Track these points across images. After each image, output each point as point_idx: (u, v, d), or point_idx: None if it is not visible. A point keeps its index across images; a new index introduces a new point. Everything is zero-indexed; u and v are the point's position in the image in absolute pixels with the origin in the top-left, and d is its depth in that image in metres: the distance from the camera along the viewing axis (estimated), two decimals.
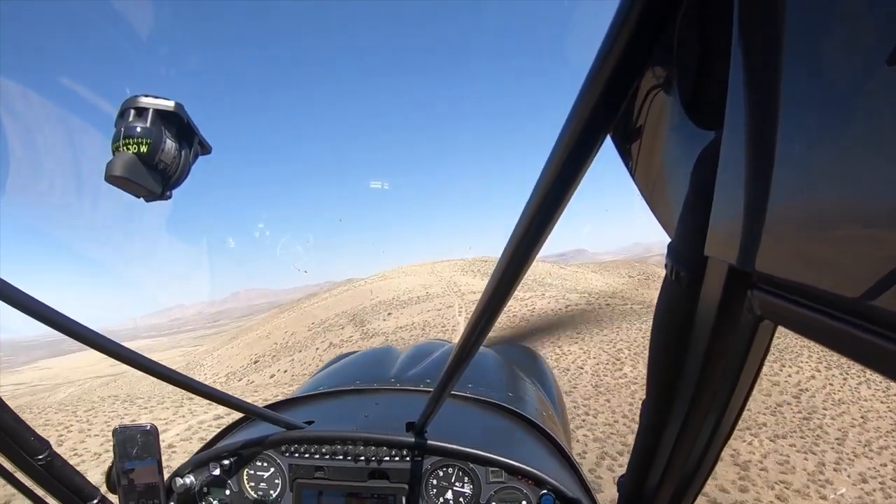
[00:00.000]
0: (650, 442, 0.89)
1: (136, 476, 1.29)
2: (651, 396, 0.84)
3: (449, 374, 1.02)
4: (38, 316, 0.83)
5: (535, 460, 1.57)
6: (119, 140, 0.78)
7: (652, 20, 0.42)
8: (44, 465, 1.16)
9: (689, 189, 0.56)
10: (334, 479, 1.60)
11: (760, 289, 0.46)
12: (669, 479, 0.89)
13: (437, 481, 1.58)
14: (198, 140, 0.88)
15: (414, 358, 2.53)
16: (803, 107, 0.35)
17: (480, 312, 0.75)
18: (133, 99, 0.80)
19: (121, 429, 1.30)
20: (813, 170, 0.34)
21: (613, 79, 0.45)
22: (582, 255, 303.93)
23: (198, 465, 1.64)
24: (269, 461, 1.64)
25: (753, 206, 0.41)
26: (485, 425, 1.83)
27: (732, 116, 0.45)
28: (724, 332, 0.59)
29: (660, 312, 0.72)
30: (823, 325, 0.36)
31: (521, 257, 0.61)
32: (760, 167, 0.39)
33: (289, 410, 1.94)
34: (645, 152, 0.69)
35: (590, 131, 0.49)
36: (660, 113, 0.61)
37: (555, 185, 0.52)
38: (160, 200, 0.85)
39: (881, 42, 0.27)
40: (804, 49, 0.34)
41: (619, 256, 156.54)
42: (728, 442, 0.79)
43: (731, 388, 0.68)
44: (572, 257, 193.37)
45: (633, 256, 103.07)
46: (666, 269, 0.65)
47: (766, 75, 0.39)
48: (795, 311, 0.39)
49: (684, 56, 0.52)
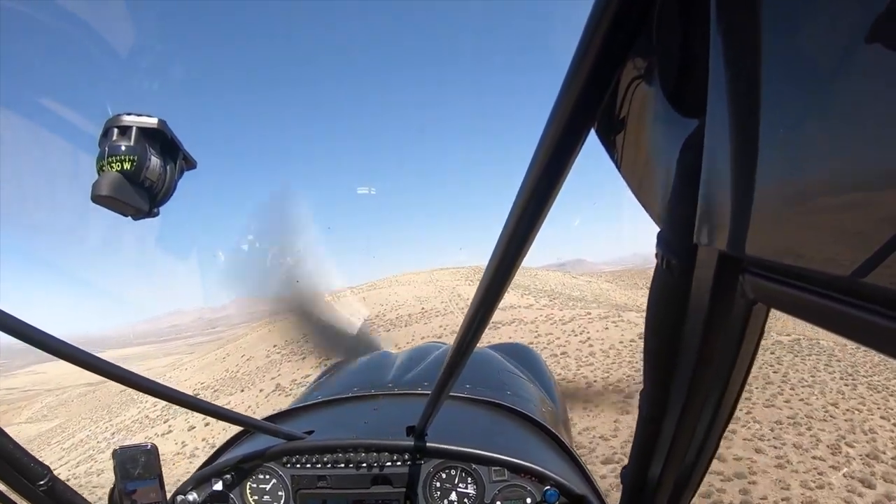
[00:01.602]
0: (650, 432, 0.89)
1: (138, 497, 1.28)
2: (648, 387, 0.84)
3: (446, 375, 1.02)
4: (8, 330, 0.81)
5: (537, 457, 1.57)
6: (104, 159, 0.78)
7: (631, 10, 0.42)
8: (45, 490, 1.15)
9: (675, 178, 0.56)
10: (337, 487, 1.59)
11: (751, 273, 0.46)
12: (671, 468, 0.89)
13: (440, 483, 1.57)
14: (182, 155, 0.88)
15: (410, 361, 2.53)
16: (785, 90, 0.35)
17: (475, 312, 0.75)
18: (116, 118, 0.80)
19: (121, 450, 1.28)
20: (797, 152, 0.34)
21: (595, 71, 0.44)
22: (581, 264, 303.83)
23: (200, 482, 1.63)
24: (270, 473, 1.63)
25: (740, 191, 0.41)
26: (485, 425, 1.83)
27: (714, 103, 0.45)
28: (718, 318, 0.59)
29: (653, 302, 0.72)
30: (815, 305, 0.36)
31: (513, 254, 0.61)
32: (745, 152, 0.39)
33: (288, 422, 1.93)
34: (630, 144, 0.69)
35: (574, 125, 0.48)
36: (642, 103, 0.61)
37: (542, 181, 0.52)
38: (148, 217, 0.84)
39: (859, 22, 0.27)
40: (783, 32, 0.34)
41: (619, 267, 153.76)
42: (727, 428, 0.80)
43: (727, 374, 0.68)
44: (572, 266, 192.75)
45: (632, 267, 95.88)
46: (657, 259, 0.66)
47: (746, 60, 0.39)
48: (787, 292, 0.39)
49: (664, 45, 0.52)
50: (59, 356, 0.90)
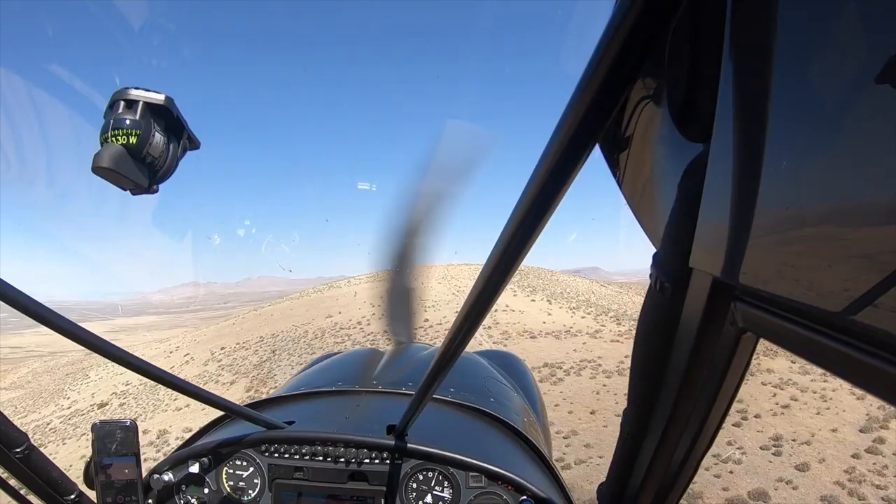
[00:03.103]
0: (630, 451, 0.89)
1: (114, 472, 1.27)
2: (632, 406, 0.84)
3: (431, 377, 1.01)
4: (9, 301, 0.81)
5: (515, 466, 1.57)
6: (108, 131, 0.77)
7: (644, 31, 0.42)
8: (21, 458, 1.14)
9: (675, 201, 0.56)
10: (314, 480, 1.59)
11: (743, 301, 0.46)
12: (648, 488, 0.89)
13: (416, 485, 1.57)
14: (186, 135, 0.88)
15: (397, 361, 2.52)
16: (792, 125, 0.35)
17: (464, 317, 0.74)
18: (123, 91, 0.80)
19: (100, 424, 1.27)
20: (798, 185, 0.34)
21: (604, 88, 0.44)
22: (597, 272, 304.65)
23: (176, 463, 1.62)
24: (248, 460, 1.63)
25: (739, 219, 0.41)
26: (466, 430, 1.83)
27: (721, 130, 0.45)
28: (707, 344, 0.59)
29: (643, 322, 0.72)
30: (805, 339, 0.36)
31: (507, 263, 0.61)
32: (747, 182, 0.39)
33: (269, 410, 1.92)
34: (633, 162, 0.69)
35: (579, 140, 0.48)
36: (649, 124, 0.61)
37: (542, 194, 0.52)
38: (147, 194, 0.84)
39: (868, 61, 0.27)
40: (793, 66, 0.34)
41: (633, 279, 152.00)
42: (707, 453, 0.80)
43: (711, 400, 0.68)
44: (587, 274, 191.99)
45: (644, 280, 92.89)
46: (650, 280, 0.66)
47: (755, 90, 0.38)
48: (778, 323, 0.39)
49: (675, 68, 0.52)
50: (44, 324, 0.89)
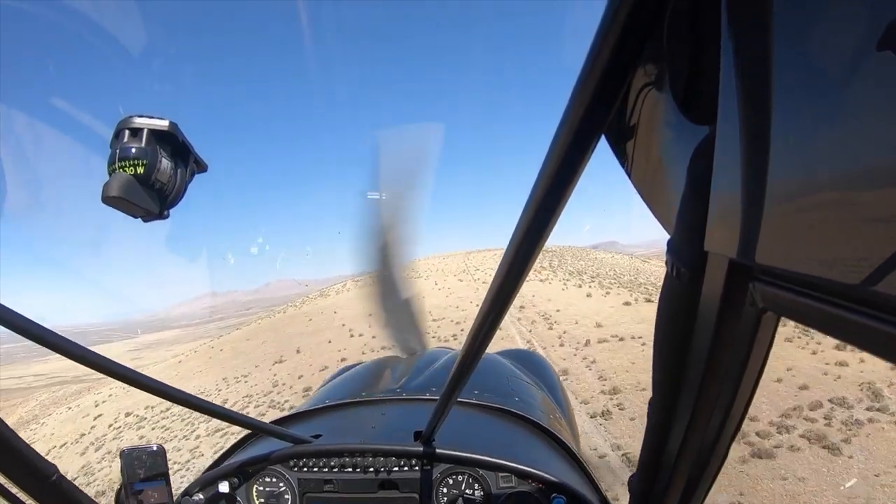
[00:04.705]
0: (659, 440, 0.88)
1: (145, 497, 1.28)
2: (657, 394, 0.83)
3: (454, 381, 1.01)
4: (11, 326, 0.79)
5: (545, 464, 1.56)
6: (115, 161, 0.78)
7: (641, 17, 0.42)
8: (53, 489, 1.15)
9: (685, 185, 0.56)
10: (344, 491, 1.59)
11: (761, 281, 0.45)
12: (679, 477, 0.88)
13: (447, 489, 1.57)
14: (193, 158, 0.89)
15: (419, 367, 2.53)
16: (796, 98, 0.34)
17: (483, 318, 0.74)
18: (127, 119, 0.81)
19: (127, 451, 1.29)
20: (808, 160, 0.34)
21: (605, 77, 0.44)
22: (614, 246, 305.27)
23: (206, 484, 1.63)
24: (277, 476, 1.64)
25: (751, 198, 0.41)
26: (493, 431, 1.82)
27: (726, 111, 0.44)
28: (727, 326, 0.58)
29: (662, 310, 0.72)
30: (826, 314, 0.35)
31: (522, 260, 0.60)
32: (756, 160, 0.39)
33: (296, 425, 1.93)
34: (640, 151, 0.69)
35: (584, 132, 0.48)
36: (653, 110, 0.61)
37: (552, 188, 0.52)
38: (158, 220, 0.85)
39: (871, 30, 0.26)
40: (795, 40, 0.34)
41: (651, 250, 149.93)
42: (735, 438, 0.78)
43: (736, 383, 0.67)
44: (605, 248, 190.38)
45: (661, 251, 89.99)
46: (667, 267, 0.65)
47: (757, 68, 0.38)
48: (797, 301, 0.39)
49: (675, 52, 0.51)
50: (57, 351, 0.87)
